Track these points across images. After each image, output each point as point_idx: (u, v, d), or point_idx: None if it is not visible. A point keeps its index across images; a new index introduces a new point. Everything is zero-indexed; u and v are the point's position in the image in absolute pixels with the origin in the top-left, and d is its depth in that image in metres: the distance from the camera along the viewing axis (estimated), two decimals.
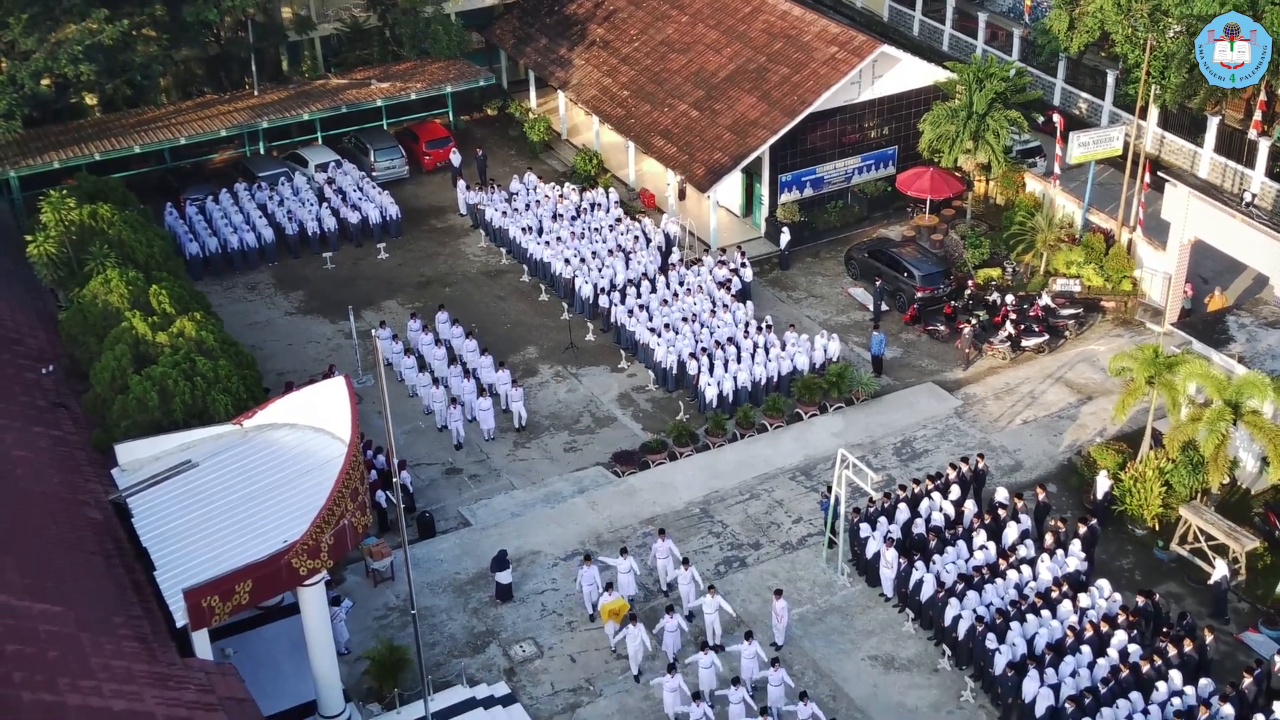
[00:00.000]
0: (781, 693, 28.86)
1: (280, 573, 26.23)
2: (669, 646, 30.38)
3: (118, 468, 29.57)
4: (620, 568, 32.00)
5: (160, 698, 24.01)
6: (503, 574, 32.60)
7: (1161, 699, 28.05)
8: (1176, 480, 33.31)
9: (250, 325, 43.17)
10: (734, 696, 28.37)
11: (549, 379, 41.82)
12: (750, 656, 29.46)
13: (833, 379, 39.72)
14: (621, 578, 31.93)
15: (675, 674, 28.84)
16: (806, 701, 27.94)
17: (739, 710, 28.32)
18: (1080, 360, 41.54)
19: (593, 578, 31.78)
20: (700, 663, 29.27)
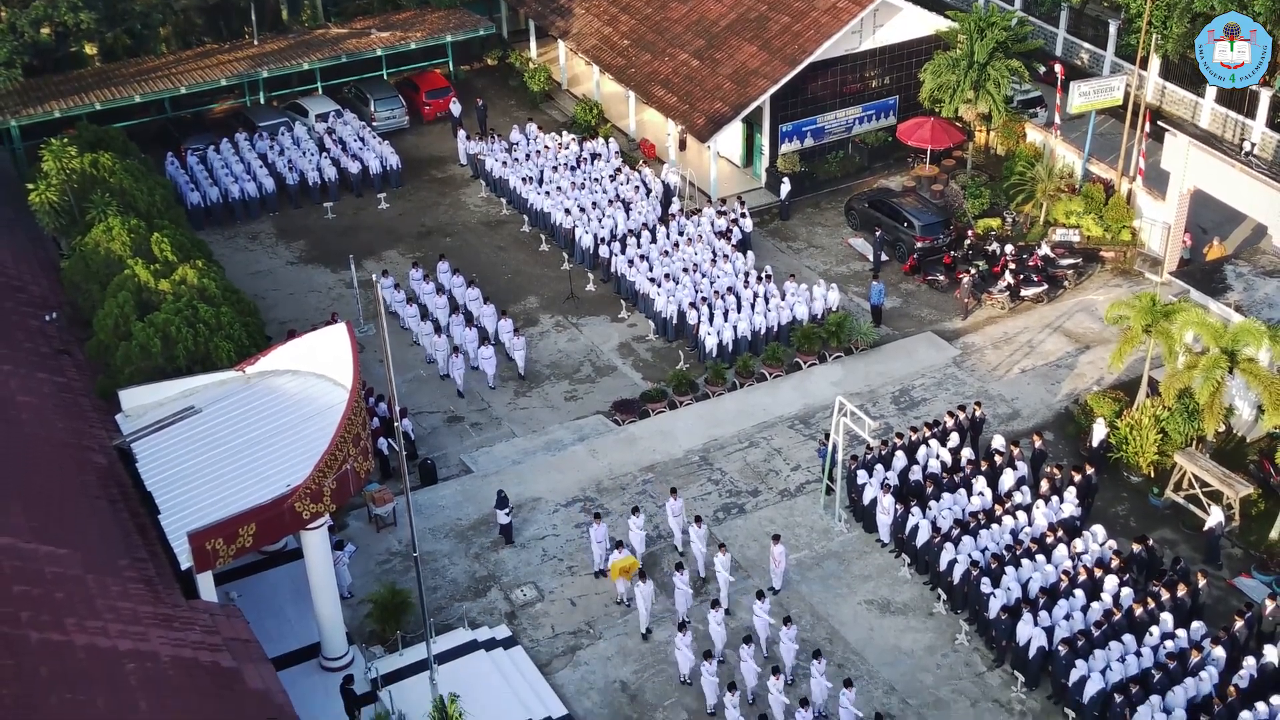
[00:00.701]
0: (793, 651, 28.86)
1: (283, 516, 26.55)
2: (679, 604, 30.40)
3: (121, 413, 29.84)
4: (634, 524, 31.82)
5: (165, 638, 24.41)
6: (500, 514, 32.93)
7: (1154, 642, 28.40)
8: (1172, 428, 33.56)
9: (252, 274, 43.32)
10: (745, 654, 28.33)
11: (549, 328, 42.02)
12: (761, 615, 29.39)
13: (832, 328, 39.90)
14: (634, 536, 31.82)
15: (686, 632, 28.81)
16: (820, 659, 27.88)
17: (750, 668, 28.29)
18: (1079, 310, 41.69)
19: (602, 535, 31.78)
20: (711, 620, 29.28)
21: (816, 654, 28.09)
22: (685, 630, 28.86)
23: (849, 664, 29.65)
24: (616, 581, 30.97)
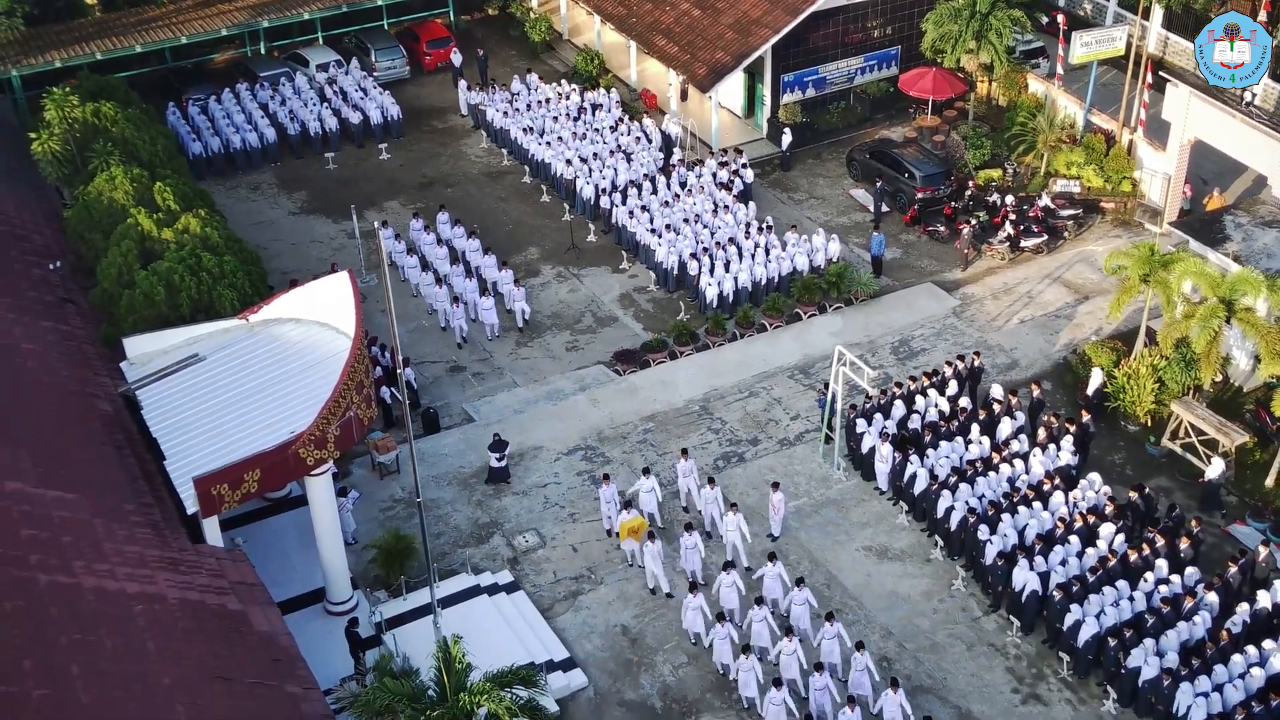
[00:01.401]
0: (805, 612, 28.64)
1: (288, 462, 26.84)
2: (689, 564, 30.41)
3: (126, 361, 30.07)
4: (643, 487, 31.80)
5: (172, 581, 24.76)
6: (493, 457, 33.18)
7: (1148, 588, 28.75)
8: (1169, 377, 33.78)
9: (254, 225, 43.40)
10: (756, 616, 28.17)
11: (551, 279, 42.17)
12: (773, 577, 29.19)
13: (832, 279, 40.05)
14: (643, 496, 31.82)
15: (698, 594, 28.73)
16: (833, 622, 27.78)
17: (762, 630, 28.16)
18: (1078, 260, 41.81)
19: (611, 496, 31.77)
20: (722, 582, 29.04)
21: (830, 616, 27.92)
22: (696, 592, 28.77)
23: (846, 608, 30.03)
24: (625, 541, 31.00)
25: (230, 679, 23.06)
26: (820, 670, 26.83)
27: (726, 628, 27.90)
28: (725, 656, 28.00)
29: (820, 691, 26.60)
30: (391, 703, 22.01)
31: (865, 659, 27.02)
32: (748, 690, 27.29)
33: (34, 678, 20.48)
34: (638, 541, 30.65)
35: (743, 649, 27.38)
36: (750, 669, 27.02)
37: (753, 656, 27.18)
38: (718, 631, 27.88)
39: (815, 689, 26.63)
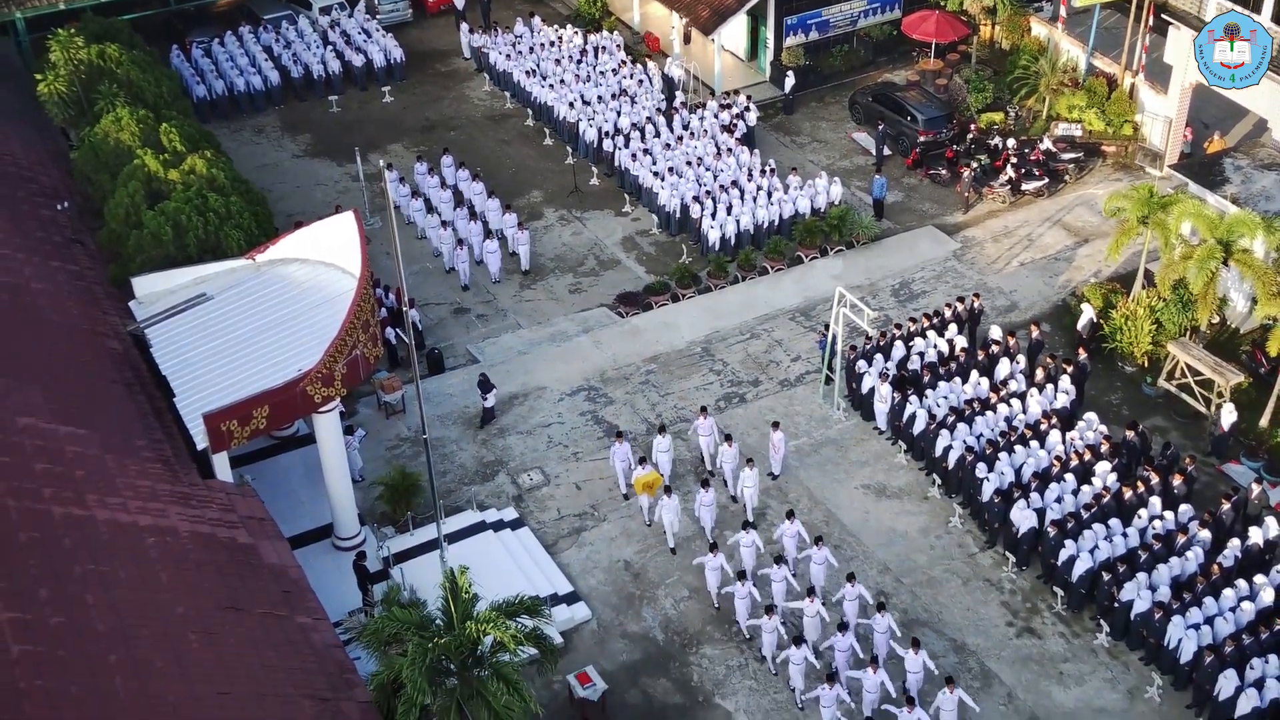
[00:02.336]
0: (823, 571, 28.52)
1: (295, 399, 27.25)
2: (705, 521, 30.67)
3: (135, 300, 30.41)
4: (659, 445, 31.85)
5: (184, 515, 25.23)
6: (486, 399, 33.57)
7: (1142, 524, 29.22)
8: (1166, 318, 34.10)
9: (259, 168, 43.59)
10: (775, 575, 28.13)
11: (554, 222, 42.41)
12: (791, 535, 29.17)
13: (834, 222, 40.28)
14: (660, 456, 31.82)
15: (718, 553, 28.66)
16: (854, 583, 27.72)
17: (781, 589, 28.12)
18: (1079, 204, 42.02)
19: (625, 454, 31.80)
20: (741, 541, 29.04)
21: (850, 577, 27.85)
22: (716, 552, 28.75)
23: (845, 545, 30.54)
24: (640, 497, 31.15)
25: (241, 609, 23.57)
26: (843, 630, 26.71)
27: (747, 586, 27.87)
28: (744, 616, 28.05)
29: (843, 652, 26.54)
30: (400, 631, 22.49)
31: (888, 619, 26.96)
32: (768, 649, 27.30)
33: (51, 605, 20.98)
34: (652, 497, 30.87)
35: (765, 609, 27.35)
36: (772, 629, 26.98)
37: (775, 616, 27.09)
38: (737, 591, 27.82)
39: (838, 649, 26.53)
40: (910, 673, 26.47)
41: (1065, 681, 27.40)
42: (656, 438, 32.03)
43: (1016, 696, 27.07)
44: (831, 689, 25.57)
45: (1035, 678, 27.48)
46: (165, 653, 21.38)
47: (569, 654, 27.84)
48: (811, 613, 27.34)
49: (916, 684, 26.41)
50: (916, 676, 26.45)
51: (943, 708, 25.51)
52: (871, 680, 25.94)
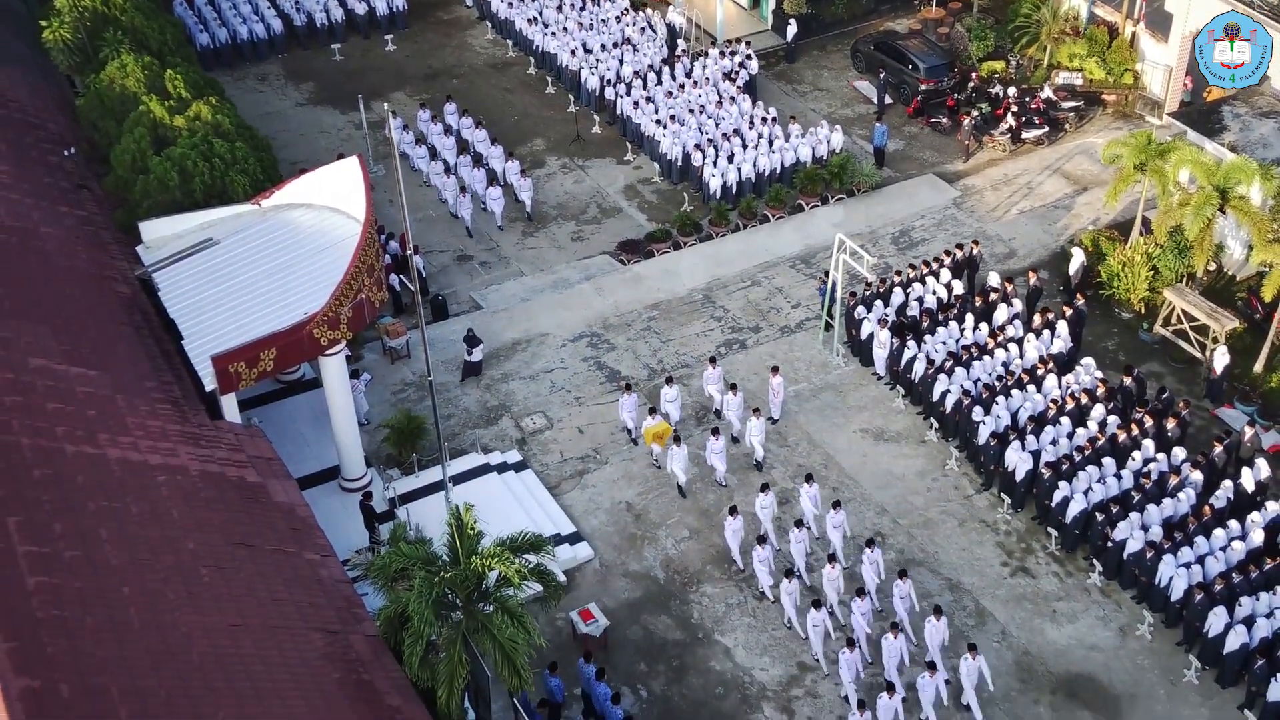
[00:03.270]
0: (840, 535, 28.59)
1: (302, 342, 27.65)
2: (717, 468, 30.81)
3: (142, 245, 30.74)
4: (667, 396, 32.07)
5: (193, 454, 25.67)
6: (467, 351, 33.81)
7: (1136, 467, 29.66)
8: (1163, 265, 34.41)
9: (262, 116, 43.74)
10: (795, 538, 28.30)
11: (556, 170, 42.65)
12: (810, 498, 29.36)
13: (835, 170, 40.52)
14: (668, 406, 32.05)
15: (737, 516, 28.69)
16: (874, 548, 27.82)
17: (801, 552, 28.21)
18: (1078, 152, 42.23)
19: (633, 405, 32.15)
20: (760, 504, 29.10)
21: (870, 542, 27.96)
22: (736, 514, 28.74)
23: (843, 487, 31.01)
24: (650, 446, 31.47)
25: (251, 545, 24.05)
26: (861, 595, 26.79)
27: (766, 550, 28.03)
28: (764, 579, 28.13)
29: (862, 616, 26.65)
30: (406, 566, 22.98)
31: (907, 586, 26.96)
32: (787, 611, 27.42)
33: (65, 540, 21.41)
34: (662, 447, 31.21)
35: (785, 573, 27.47)
36: (791, 592, 27.13)
37: (795, 580, 27.29)
38: (756, 554, 27.96)
39: (857, 613, 26.63)
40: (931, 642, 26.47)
41: (1058, 619, 27.93)
42: (664, 388, 32.37)
43: (1010, 634, 27.61)
44: (851, 653, 25.57)
45: (1029, 616, 28.02)
46: (177, 586, 21.85)
47: (572, 592, 28.38)
48: (831, 577, 27.36)
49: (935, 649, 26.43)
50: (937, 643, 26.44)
51: (964, 674, 25.61)
52: (891, 645, 25.92)
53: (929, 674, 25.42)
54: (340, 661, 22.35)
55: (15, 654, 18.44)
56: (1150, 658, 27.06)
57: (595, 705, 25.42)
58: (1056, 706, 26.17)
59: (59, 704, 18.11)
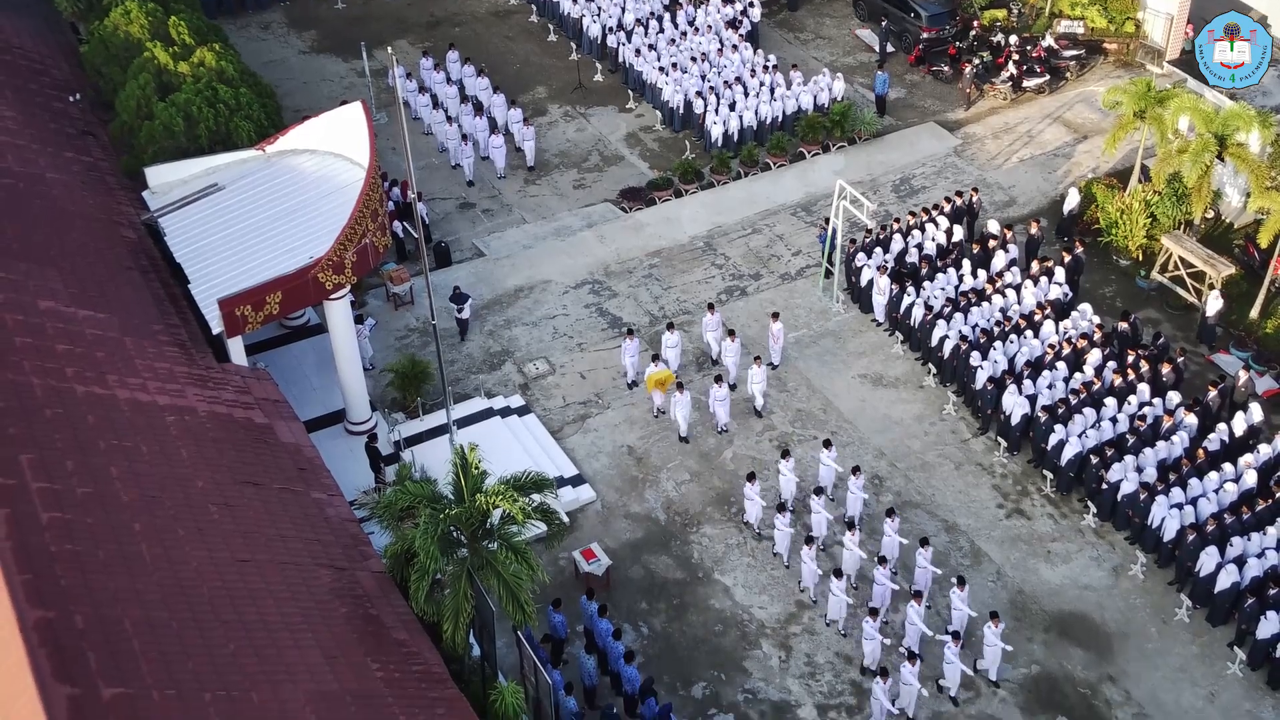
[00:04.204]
0: (859, 501, 28.49)
1: (307, 286, 27.97)
2: (720, 415, 31.22)
3: (148, 190, 30.99)
4: (668, 342, 32.34)
5: (201, 395, 26.06)
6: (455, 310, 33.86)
7: (1131, 410, 30.03)
8: (1161, 212, 34.63)
9: (266, 64, 43.83)
10: (815, 505, 28.06)
11: (558, 118, 42.79)
12: (828, 464, 29.32)
13: (836, 118, 40.65)
14: (669, 352, 32.32)
15: (755, 482, 28.55)
16: (894, 517, 27.56)
17: (820, 520, 28.03)
18: (1079, 101, 42.35)
19: (634, 350, 32.44)
20: (781, 469, 28.85)
21: (890, 512, 27.78)
22: (754, 480, 28.57)
23: (842, 432, 31.39)
24: (652, 394, 31.77)
25: (259, 484, 24.48)
26: (883, 564, 26.66)
27: (786, 517, 27.92)
28: (783, 546, 28.08)
29: (882, 586, 26.50)
30: (412, 504, 23.40)
31: (928, 555, 26.84)
32: (807, 580, 27.30)
33: (77, 477, 21.81)
34: (664, 394, 31.57)
35: (805, 540, 27.27)
36: (810, 559, 26.99)
37: (815, 546, 27.13)
38: (777, 521, 27.87)
39: (877, 582, 26.50)
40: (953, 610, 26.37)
41: (1052, 560, 28.39)
42: (665, 334, 32.69)
43: (1005, 574, 28.07)
44: (875, 622, 25.46)
45: (1023, 556, 28.48)
46: (187, 522, 22.28)
47: (574, 533, 28.83)
48: (851, 545, 27.20)
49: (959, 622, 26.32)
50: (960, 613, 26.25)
51: (985, 641, 25.58)
52: (914, 612, 25.74)
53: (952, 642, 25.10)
54: (348, 597, 22.83)
55: (30, 586, 18.89)
56: (1142, 597, 27.53)
57: (597, 641, 25.93)
58: (1050, 644, 26.66)
59: (73, 634, 18.55)
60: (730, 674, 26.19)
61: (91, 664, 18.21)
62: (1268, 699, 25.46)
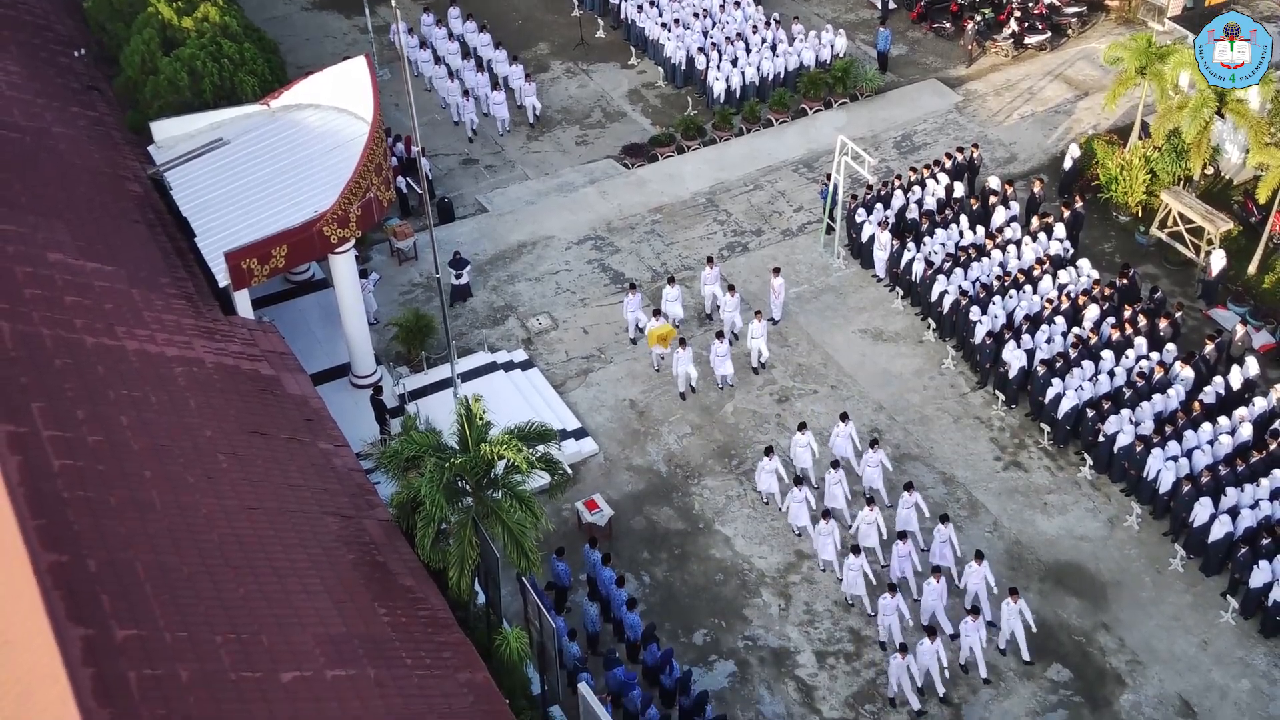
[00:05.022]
0: (878, 474, 28.30)
1: (313, 239, 28.21)
2: (720, 371, 31.37)
3: (154, 145, 31.18)
4: (668, 295, 32.52)
5: (208, 347, 26.36)
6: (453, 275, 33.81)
7: (1129, 364, 30.32)
8: (1160, 167, 34.79)
9: (268, 20, 43.89)
10: (831, 480, 27.85)
11: (560, 75, 42.90)
12: (845, 437, 28.94)
13: (838, 75, 40.76)
14: (669, 305, 32.53)
15: (773, 457, 28.29)
16: (911, 492, 27.41)
17: (839, 493, 27.89)
18: (1080, 58, 42.44)
19: (636, 304, 32.65)
20: (796, 442, 28.77)
21: (909, 486, 27.61)
22: (772, 455, 28.27)
23: (842, 385, 31.71)
24: (654, 349, 32.02)
25: (266, 434, 24.81)
26: (903, 539, 26.48)
27: (803, 490, 27.62)
28: (801, 519, 27.77)
29: (902, 559, 26.40)
30: (418, 453, 23.74)
31: (949, 531, 26.62)
32: (825, 554, 27.13)
33: (88, 425, 22.14)
34: (665, 349, 31.84)
35: (822, 514, 27.11)
36: (829, 534, 26.85)
37: (832, 521, 27.02)
38: (793, 495, 27.62)
39: (897, 557, 26.35)
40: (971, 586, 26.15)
41: (1049, 511, 28.76)
42: (666, 288, 32.94)
43: (1001, 525, 28.45)
44: (893, 599, 25.37)
45: (1020, 508, 28.84)
46: (196, 471, 22.63)
47: (577, 484, 29.23)
48: (869, 520, 27.01)
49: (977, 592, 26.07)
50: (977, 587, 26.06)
51: (1006, 618, 25.43)
52: (933, 590, 25.62)
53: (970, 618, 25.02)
54: (355, 544, 23.20)
55: (44, 531, 19.25)
56: (1137, 547, 27.91)
57: (600, 589, 26.34)
58: (1045, 593, 27.06)
59: (86, 577, 18.93)
60: (730, 621, 26.63)
61: (105, 606, 18.59)
62: (1259, 646, 25.87)
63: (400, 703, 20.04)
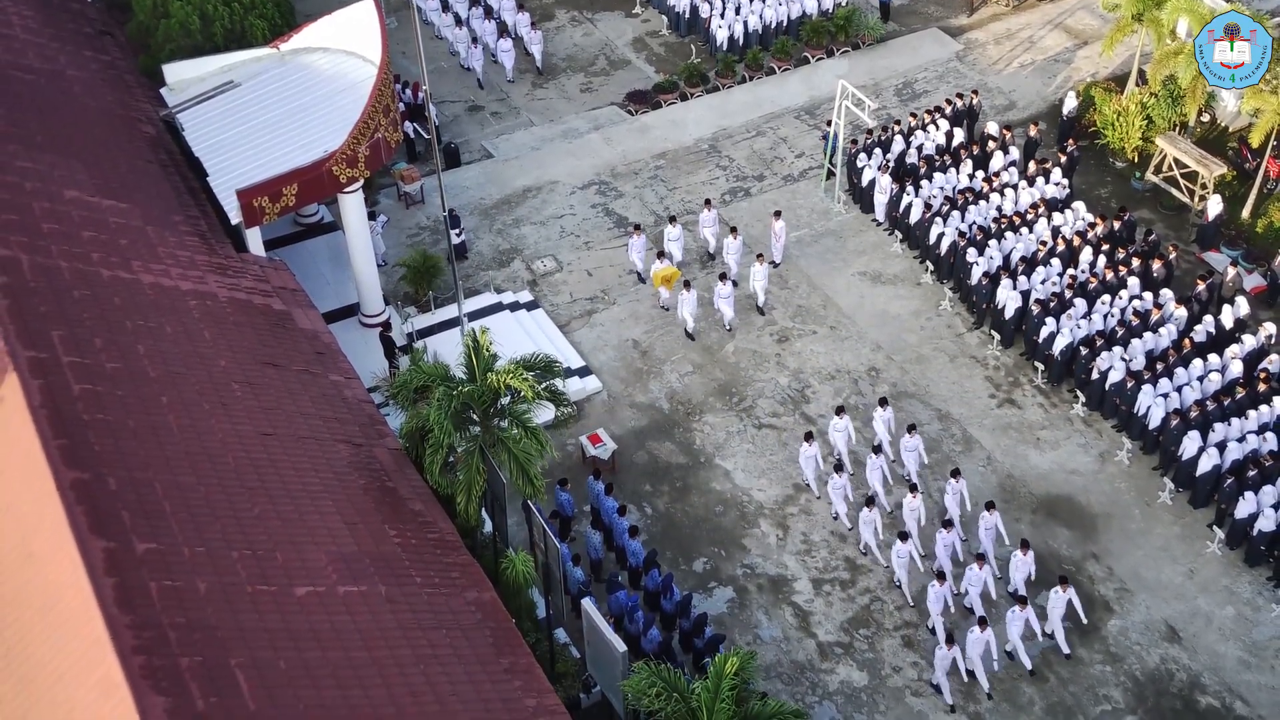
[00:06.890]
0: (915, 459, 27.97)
1: (322, 179, 28.80)
2: (725, 312, 31.82)
3: (166, 87, 31.71)
4: (670, 235, 33.04)
5: (221, 282, 27.01)
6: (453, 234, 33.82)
7: (1122, 304, 30.90)
8: (1157, 114, 35.24)
9: None
10: (872, 464, 27.60)
11: (565, 23, 43.32)
12: (883, 421, 28.48)
13: (840, 23, 41.17)
14: (670, 245, 33.02)
15: (813, 443, 27.94)
16: (958, 479, 27.04)
17: (878, 478, 27.68)
18: (1080, 7, 42.80)
19: (640, 246, 33.17)
20: (834, 426, 28.29)
21: (955, 473, 27.24)
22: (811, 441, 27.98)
23: (840, 326, 32.33)
24: (659, 290, 32.60)
25: (279, 366, 25.50)
26: (949, 527, 26.25)
27: (843, 479, 27.34)
28: (841, 508, 27.55)
29: (945, 548, 26.17)
30: (427, 384, 24.41)
31: (995, 519, 26.27)
32: (866, 539, 26.94)
33: (106, 352, 22.81)
34: (670, 290, 32.42)
35: (866, 501, 26.92)
36: (870, 521, 26.57)
37: (875, 509, 26.61)
38: (833, 482, 27.39)
39: (941, 544, 26.12)
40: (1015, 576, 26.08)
41: (1041, 446, 29.44)
42: (667, 228, 33.50)
43: (995, 459, 29.14)
44: (941, 586, 25.08)
45: (1014, 443, 29.52)
46: (211, 398, 23.32)
47: (581, 420, 29.93)
48: (912, 507, 26.81)
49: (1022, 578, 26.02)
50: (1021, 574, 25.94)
51: (1053, 606, 25.23)
52: (975, 576, 25.58)
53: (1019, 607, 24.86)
54: (365, 470, 23.92)
55: (65, 450, 19.97)
56: (1127, 481, 28.60)
57: (603, 518, 27.09)
58: (1036, 524, 27.76)
59: (107, 494, 19.66)
60: (730, 550, 27.38)
61: (125, 521, 19.33)
62: (1244, 575, 26.60)
63: (410, 617, 20.80)
